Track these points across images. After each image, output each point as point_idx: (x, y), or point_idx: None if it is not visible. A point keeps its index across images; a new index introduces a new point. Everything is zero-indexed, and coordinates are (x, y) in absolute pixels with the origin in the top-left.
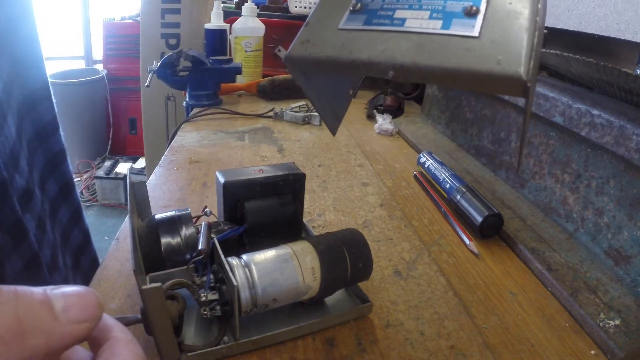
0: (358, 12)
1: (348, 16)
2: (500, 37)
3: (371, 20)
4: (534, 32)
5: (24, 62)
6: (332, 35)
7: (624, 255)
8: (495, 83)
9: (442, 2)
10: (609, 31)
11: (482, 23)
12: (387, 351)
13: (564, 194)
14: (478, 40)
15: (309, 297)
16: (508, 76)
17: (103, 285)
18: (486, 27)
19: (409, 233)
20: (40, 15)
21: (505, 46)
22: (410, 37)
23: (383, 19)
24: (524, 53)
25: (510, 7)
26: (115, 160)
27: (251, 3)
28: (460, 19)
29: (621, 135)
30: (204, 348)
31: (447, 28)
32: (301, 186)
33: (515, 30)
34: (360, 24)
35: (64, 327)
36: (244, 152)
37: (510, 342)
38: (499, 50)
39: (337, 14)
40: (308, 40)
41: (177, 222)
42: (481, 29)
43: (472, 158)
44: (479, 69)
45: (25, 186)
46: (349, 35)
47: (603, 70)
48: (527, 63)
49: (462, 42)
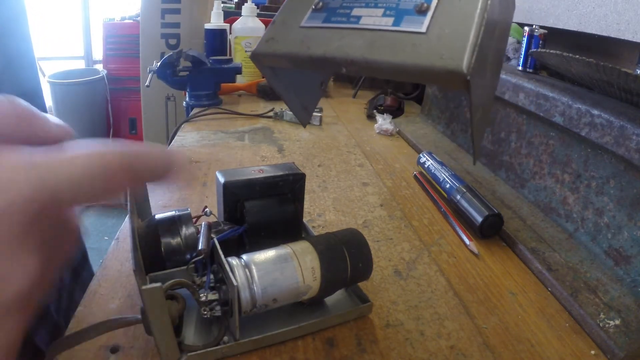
0: (319, 11)
1: (310, 14)
2: (446, 33)
3: (330, 18)
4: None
5: (18, 62)
6: (294, 33)
7: (624, 255)
8: (438, 77)
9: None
10: (609, 31)
11: (431, 20)
12: (387, 351)
13: (564, 194)
14: (425, 36)
15: (309, 297)
16: (449, 70)
17: (103, 285)
18: (434, 23)
19: (409, 233)
20: (41, 15)
21: (450, 41)
22: (363, 33)
23: (341, 16)
24: (467, 48)
25: (460, 4)
26: None
27: (251, 3)
28: (411, 15)
29: (621, 135)
30: (204, 348)
31: (397, 25)
32: (301, 186)
33: (462, 26)
34: (320, 22)
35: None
36: (244, 152)
37: (510, 342)
38: (444, 46)
39: (301, 13)
40: (273, 38)
41: (177, 222)
42: (429, 25)
43: (472, 158)
44: (423, 64)
45: None
46: (309, 32)
47: (603, 70)
48: (469, 58)
49: (410, 37)
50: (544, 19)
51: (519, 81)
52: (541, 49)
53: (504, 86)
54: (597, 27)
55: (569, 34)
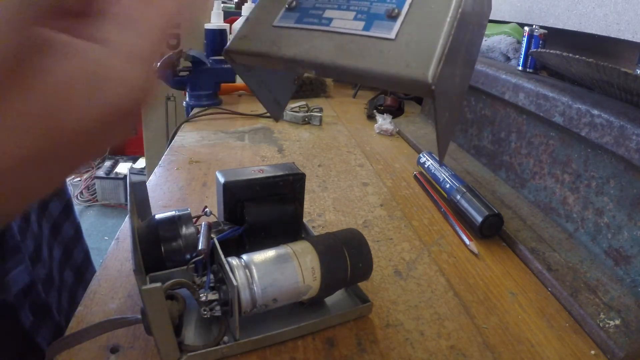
0: (293, 10)
1: (283, 13)
2: (414, 40)
3: (302, 19)
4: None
5: None
6: (266, 32)
7: (624, 255)
8: (404, 85)
9: (369, 3)
10: (609, 31)
11: (401, 26)
12: (387, 351)
13: (564, 194)
14: (393, 43)
15: (309, 297)
16: (414, 79)
17: (103, 285)
18: (404, 29)
19: (409, 233)
20: None
21: (417, 49)
22: (333, 37)
23: (313, 17)
24: (434, 57)
25: (431, 10)
26: (115, 160)
27: (251, 3)
28: (381, 20)
29: (621, 135)
30: (204, 348)
31: (367, 30)
32: (301, 186)
33: (431, 33)
34: (292, 22)
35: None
36: (244, 152)
37: (510, 342)
38: (411, 53)
39: (275, 11)
40: (245, 36)
41: (177, 222)
42: (398, 32)
43: (472, 158)
44: (389, 72)
45: None
46: (281, 32)
47: (603, 70)
48: (435, 67)
49: (379, 43)
50: (544, 19)
51: (519, 81)
52: (541, 49)
53: (504, 86)
54: (597, 27)
55: (569, 34)
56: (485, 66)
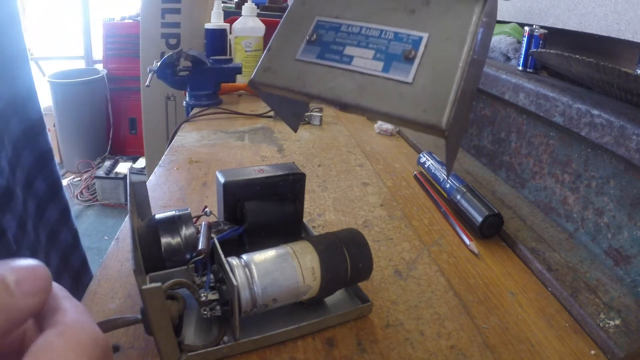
0: (314, 44)
1: (305, 46)
2: (430, 84)
3: (324, 55)
4: (461, 78)
5: (12, 63)
6: (289, 65)
7: (624, 255)
8: (419, 127)
9: (386, 42)
10: (609, 31)
11: (417, 69)
12: (387, 351)
13: (564, 194)
14: (411, 87)
15: (309, 297)
16: (430, 125)
17: (103, 285)
18: (420, 72)
19: (409, 233)
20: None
21: (432, 94)
22: (355, 76)
23: (334, 54)
24: (447, 104)
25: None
26: (115, 160)
27: (251, 3)
28: (399, 62)
29: (621, 135)
30: (204, 348)
31: (386, 71)
32: (301, 186)
33: (444, 77)
34: (315, 57)
35: (19, 300)
36: (244, 152)
37: (510, 342)
38: (427, 98)
39: (296, 42)
40: (269, 68)
41: (177, 222)
42: (415, 75)
43: (472, 158)
44: (407, 116)
45: (6, 186)
46: (304, 67)
47: (603, 70)
48: (448, 114)
49: (398, 87)
50: (544, 19)
51: (519, 81)
52: (541, 49)
53: (504, 86)
54: (597, 27)
55: (569, 34)
56: (486, 66)
